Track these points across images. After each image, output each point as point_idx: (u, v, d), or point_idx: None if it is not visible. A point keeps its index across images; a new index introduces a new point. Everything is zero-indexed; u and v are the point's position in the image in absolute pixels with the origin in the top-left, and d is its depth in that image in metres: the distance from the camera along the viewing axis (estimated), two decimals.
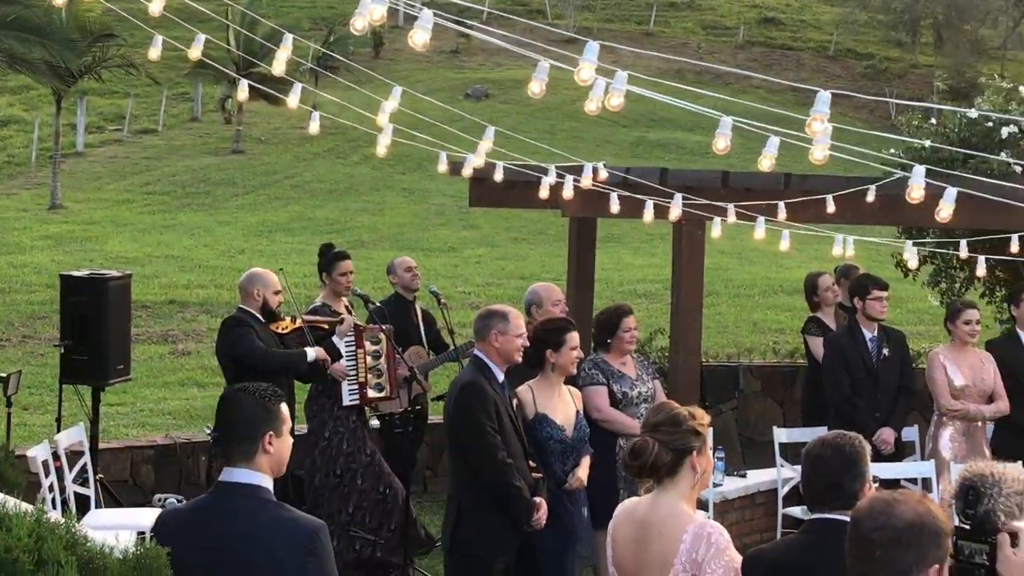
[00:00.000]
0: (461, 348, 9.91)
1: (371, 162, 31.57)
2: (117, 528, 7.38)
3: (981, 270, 9.90)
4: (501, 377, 7.06)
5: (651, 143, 35.05)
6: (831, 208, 9.11)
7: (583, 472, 7.57)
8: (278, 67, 6.55)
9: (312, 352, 8.84)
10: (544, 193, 8.77)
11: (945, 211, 6.22)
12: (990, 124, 11.35)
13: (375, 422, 10.17)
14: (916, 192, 5.90)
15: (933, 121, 11.93)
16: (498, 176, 8.85)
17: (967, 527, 3.47)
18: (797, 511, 9.91)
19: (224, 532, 4.32)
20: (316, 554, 4.34)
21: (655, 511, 4.79)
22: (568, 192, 8.46)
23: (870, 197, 9.38)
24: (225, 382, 8.91)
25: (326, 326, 9.23)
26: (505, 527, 6.98)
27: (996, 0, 36.01)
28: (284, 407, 4.56)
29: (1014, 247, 9.42)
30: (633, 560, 4.80)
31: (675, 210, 8.30)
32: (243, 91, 8.56)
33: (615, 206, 8.66)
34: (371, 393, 9.46)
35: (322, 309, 9.59)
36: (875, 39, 43.58)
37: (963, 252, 9.51)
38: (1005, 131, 11.18)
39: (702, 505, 9.70)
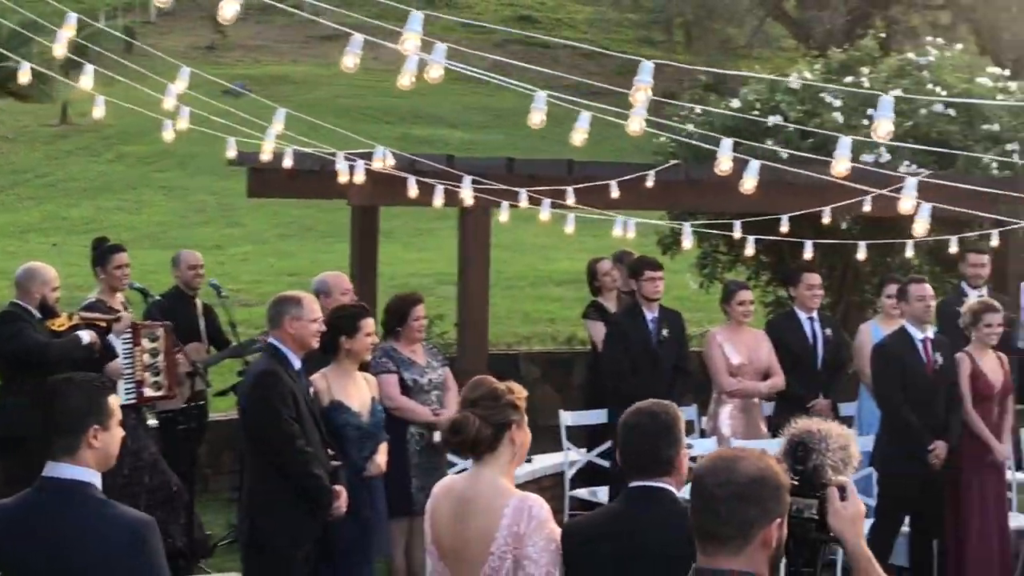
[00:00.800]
0: (244, 344, 9.75)
1: (126, 160, 30.69)
2: None
3: (750, 250, 10.19)
4: (297, 364, 6.96)
5: (416, 139, 35.01)
6: (615, 193, 9.29)
7: (381, 458, 7.54)
8: (24, 76, 6.35)
9: (86, 335, 8.53)
10: (344, 178, 8.65)
11: (749, 183, 6.38)
12: (756, 113, 11.74)
13: (153, 421, 9.89)
14: (725, 164, 6.05)
15: (699, 111, 12.27)
16: (287, 163, 8.71)
17: (796, 483, 3.57)
18: (584, 492, 10.07)
19: (47, 530, 4.14)
20: (145, 551, 4.19)
21: (475, 486, 4.78)
22: (360, 177, 8.39)
23: (649, 183, 9.61)
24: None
25: (103, 323, 8.93)
26: (304, 517, 6.89)
27: (743, 1, 37.20)
28: (112, 399, 4.39)
29: (784, 227, 9.78)
30: (453, 536, 4.78)
31: (466, 194, 8.32)
32: None
33: (413, 190, 8.64)
34: (148, 392, 9.15)
35: (97, 305, 9.27)
36: (628, 37, 44.53)
37: (736, 233, 9.80)
38: (771, 120, 11.56)
39: None
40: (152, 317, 9.47)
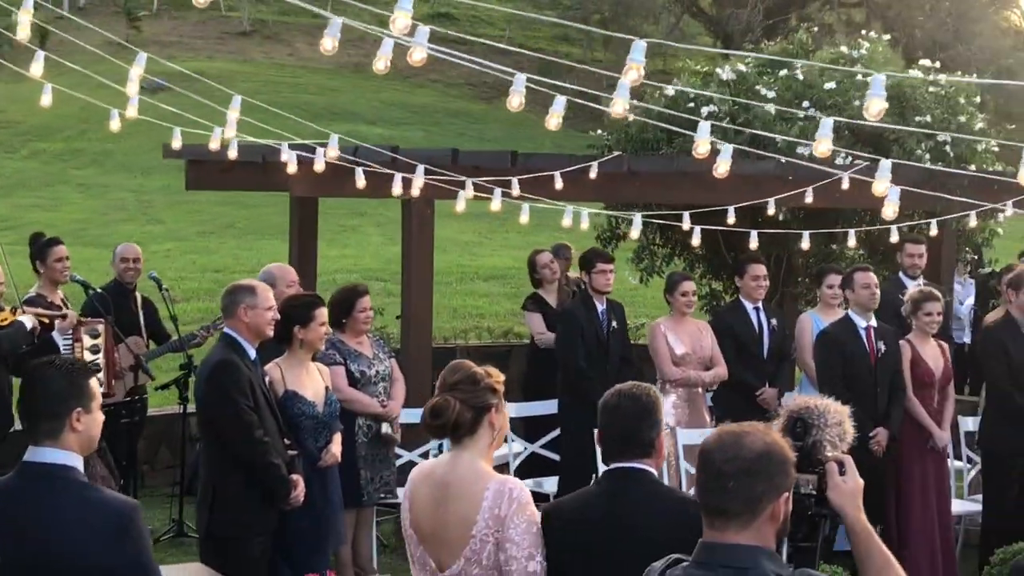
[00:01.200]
0: (185, 338, 9.65)
1: (41, 156, 30.30)
2: None
3: (696, 240, 10.26)
4: (253, 353, 6.90)
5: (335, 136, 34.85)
6: (559, 185, 9.30)
7: (336, 448, 7.50)
8: None
9: (28, 320, 8.40)
10: (293, 168, 8.57)
11: (723, 167, 6.41)
12: (691, 104, 11.81)
13: None
14: (702, 147, 6.08)
15: (635, 102, 12.31)
16: (232, 153, 8.62)
17: (794, 459, 3.59)
18: (529, 483, 10.06)
19: (29, 516, 4.06)
20: (130, 536, 4.13)
21: (454, 470, 4.76)
22: (320, 165, 8.32)
23: (592, 174, 9.65)
24: None
25: (47, 319, 8.79)
26: (262, 507, 6.84)
27: None
28: (94, 381, 4.33)
29: (730, 219, 9.86)
30: (432, 520, 4.75)
31: (417, 183, 8.29)
32: None
33: (361, 181, 8.59)
34: None
35: (37, 300, 9.14)
36: (545, 34, 44.70)
37: (686, 224, 9.86)
38: (705, 110, 11.64)
39: None
40: (91, 310, 9.34)
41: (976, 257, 12.88)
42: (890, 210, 5.82)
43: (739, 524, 3.22)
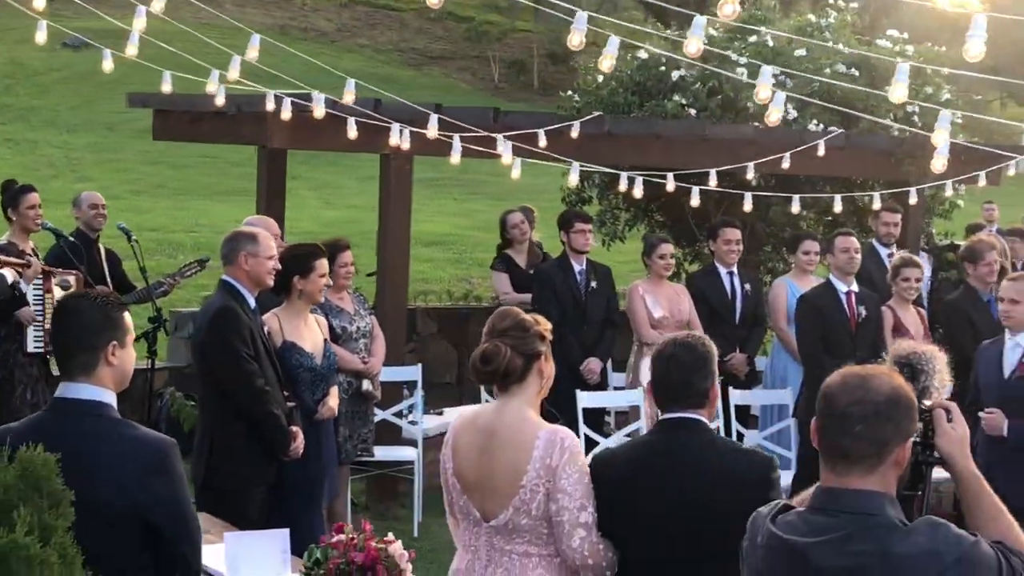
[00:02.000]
0: (151, 287, 9.43)
1: None
2: None
3: (695, 200, 10.13)
4: (253, 302, 6.74)
5: None
6: (543, 142, 9.20)
7: (333, 401, 7.36)
8: None
9: (8, 274, 8.19)
10: (287, 115, 8.36)
11: (775, 115, 6.24)
12: (662, 68, 11.75)
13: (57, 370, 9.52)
14: (764, 92, 6.00)
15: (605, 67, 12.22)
16: (219, 100, 8.39)
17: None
18: None
19: (63, 454, 3.88)
20: (165, 473, 4.01)
21: (502, 418, 4.65)
22: (319, 112, 8.15)
23: (574, 133, 9.57)
24: None
25: (19, 269, 8.55)
26: (261, 459, 6.70)
27: None
28: (128, 315, 4.19)
29: (712, 181, 9.83)
30: (477, 469, 4.64)
31: (402, 140, 8.14)
32: None
33: (352, 132, 8.42)
34: None
35: (8, 248, 8.90)
36: (474, 3, 44.44)
37: (670, 185, 9.80)
38: (675, 74, 11.60)
39: (411, 443, 9.63)
40: (57, 258, 9.11)
41: (931, 230, 12.97)
42: (939, 163, 5.79)
43: (864, 469, 3.15)
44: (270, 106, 8.38)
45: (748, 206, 10.06)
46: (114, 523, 3.94)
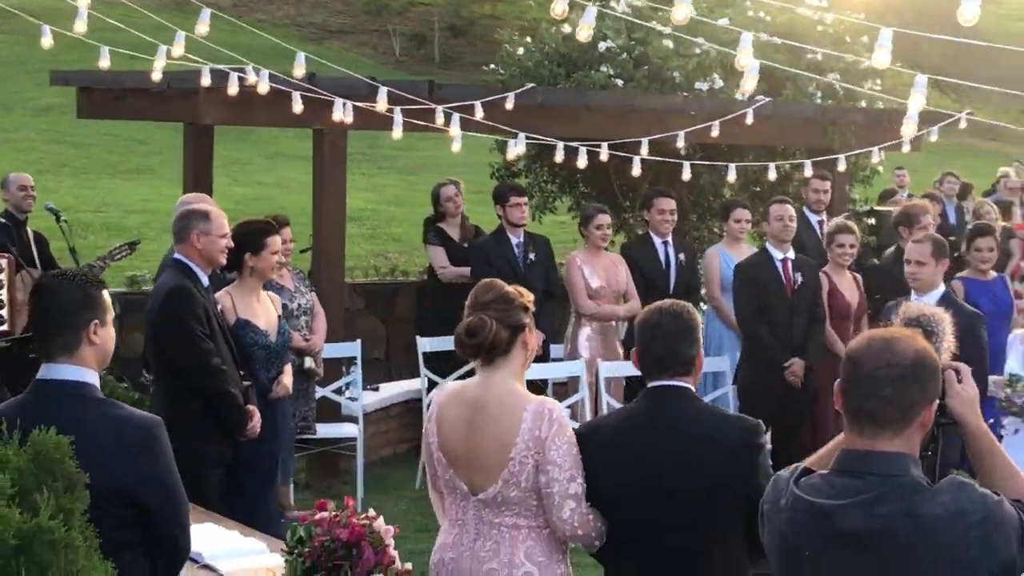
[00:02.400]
0: (85, 268, 9.26)
1: None
2: None
3: (637, 170, 10.13)
4: (206, 281, 6.66)
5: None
6: (479, 114, 9.18)
7: (287, 379, 7.29)
8: None
9: None
10: (234, 90, 8.22)
11: (750, 83, 6.24)
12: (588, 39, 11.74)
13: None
14: (749, 84, 5.95)
15: (529, 40, 12.22)
16: (156, 76, 8.23)
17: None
18: None
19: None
20: (150, 452, 3.98)
21: (488, 391, 4.63)
22: (264, 87, 8.03)
23: (509, 105, 9.56)
24: None
25: None
26: (218, 438, 6.61)
27: None
28: (107, 293, 4.11)
29: (643, 150, 9.87)
30: (464, 442, 4.62)
31: (344, 115, 8.07)
32: None
33: (298, 106, 8.32)
34: None
35: None
36: None
37: (604, 155, 9.82)
38: (603, 46, 11.60)
39: (352, 420, 9.58)
40: None
41: (853, 196, 13.15)
42: (909, 128, 5.86)
43: (892, 432, 3.18)
44: (205, 81, 8.24)
45: (687, 175, 10.12)
46: (100, 504, 3.86)
